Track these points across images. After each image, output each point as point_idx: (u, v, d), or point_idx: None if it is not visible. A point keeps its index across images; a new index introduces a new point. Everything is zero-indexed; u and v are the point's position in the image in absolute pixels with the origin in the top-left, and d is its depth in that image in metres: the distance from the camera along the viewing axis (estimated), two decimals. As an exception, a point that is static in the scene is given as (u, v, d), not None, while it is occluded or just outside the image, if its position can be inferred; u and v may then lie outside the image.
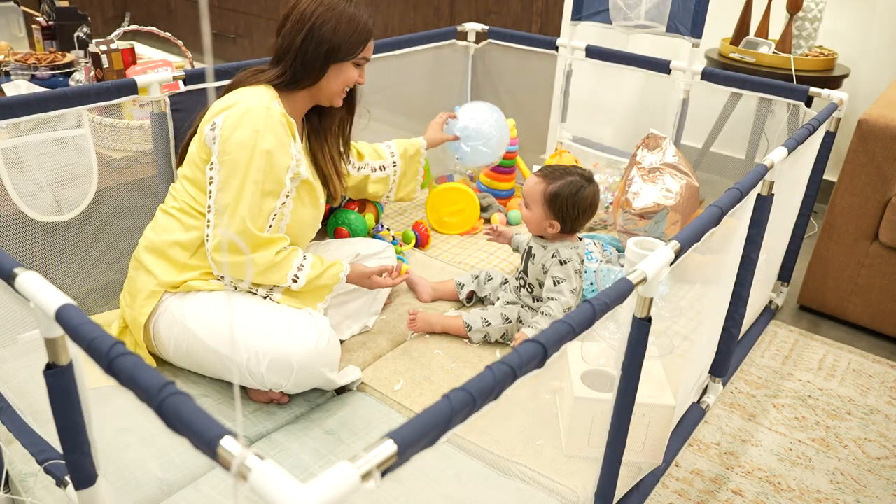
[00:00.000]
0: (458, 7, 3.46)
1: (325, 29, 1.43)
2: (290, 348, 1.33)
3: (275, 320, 1.37)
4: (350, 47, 1.47)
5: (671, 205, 2.03)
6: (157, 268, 1.42)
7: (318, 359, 1.35)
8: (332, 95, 1.52)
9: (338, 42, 1.45)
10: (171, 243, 1.42)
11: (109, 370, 0.68)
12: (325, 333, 1.38)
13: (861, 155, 1.90)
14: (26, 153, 1.48)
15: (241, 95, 1.41)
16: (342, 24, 1.44)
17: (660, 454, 1.33)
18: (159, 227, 1.45)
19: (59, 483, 1.02)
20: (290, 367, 1.32)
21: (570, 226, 1.63)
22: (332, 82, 1.49)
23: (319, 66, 1.46)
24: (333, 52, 1.45)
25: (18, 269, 0.81)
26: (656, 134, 2.14)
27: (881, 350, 1.99)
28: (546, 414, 1.41)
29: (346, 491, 0.54)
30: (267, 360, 1.31)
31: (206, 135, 1.37)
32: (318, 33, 1.43)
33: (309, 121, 1.59)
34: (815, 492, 1.47)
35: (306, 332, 1.36)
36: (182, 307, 1.39)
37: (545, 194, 1.60)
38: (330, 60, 1.46)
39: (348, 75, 1.50)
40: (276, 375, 1.33)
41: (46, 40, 2.45)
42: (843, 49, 2.65)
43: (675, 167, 2.09)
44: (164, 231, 1.44)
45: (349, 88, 1.56)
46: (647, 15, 2.20)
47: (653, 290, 0.96)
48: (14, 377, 1.37)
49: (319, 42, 1.44)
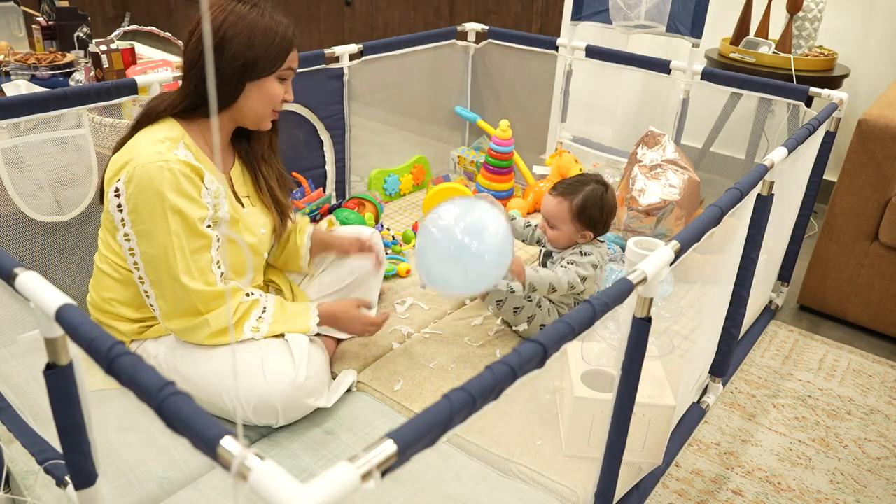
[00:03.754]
0: (458, 7, 3.46)
1: (236, 42, 1.25)
2: (269, 391, 1.28)
3: (249, 362, 1.30)
4: (269, 61, 1.29)
5: (676, 200, 2.03)
6: (114, 322, 1.36)
7: (300, 394, 1.31)
8: (257, 117, 1.34)
9: (253, 56, 1.27)
10: (114, 303, 1.35)
11: (109, 370, 0.68)
12: (301, 366, 1.31)
13: (861, 155, 1.90)
14: (26, 153, 1.48)
15: (136, 147, 1.24)
16: (256, 36, 1.27)
17: (660, 454, 1.33)
18: (98, 285, 1.37)
19: (59, 483, 1.02)
20: (275, 409, 1.30)
21: (601, 230, 1.66)
22: (254, 102, 1.31)
23: (234, 85, 1.28)
24: (249, 67, 1.28)
25: (18, 269, 0.80)
26: (655, 131, 2.15)
27: (881, 350, 1.99)
28: (546, 414, 1.41)
29: (345, 491, 0.54)
30: (251, 406, 1.28)
31: (111, 201, 1.23)
32: (229, 47, 1.25)
33: (238, 145, 1.43)
34: (815, 492, 1.47)
35: (282, 370, 1.30)
36: (157, 354, 1.35)
37: (572, 210, 1.61)
38: (246, 77, 1.29)
39: (272, 92, 1.32)
40: (263, 418, 1.31)
41: (46, 40, 2.44)
42: (843, 49, 2.65)
43: (675, 163, 2.09)
44: (103, 289, 1.36)
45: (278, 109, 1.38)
46: (647, 15, 2.20)
47: (653, 290, 0.96)
48: (14, 377, 1.37)
49: (232, 57, 1.26)
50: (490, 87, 2.65)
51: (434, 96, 2.58)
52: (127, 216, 1.22)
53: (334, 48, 2.07)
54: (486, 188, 2.42)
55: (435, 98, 2.59)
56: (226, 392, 1.29)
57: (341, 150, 2.22)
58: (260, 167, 1.45)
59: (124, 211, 1.22)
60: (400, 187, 2.50)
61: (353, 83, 2.16)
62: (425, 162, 2.57)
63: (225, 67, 1.27)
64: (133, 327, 1.36)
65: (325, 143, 2.18)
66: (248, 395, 1.28)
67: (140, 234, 1.23)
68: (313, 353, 1.37)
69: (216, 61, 1.27)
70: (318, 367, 1.36)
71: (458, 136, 2.78)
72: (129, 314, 1.35)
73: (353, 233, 1.65)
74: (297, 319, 1.39)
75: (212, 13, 1.28)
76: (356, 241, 1.60)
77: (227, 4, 1.29)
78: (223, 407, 1.31)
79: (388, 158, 2.48)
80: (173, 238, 1.22)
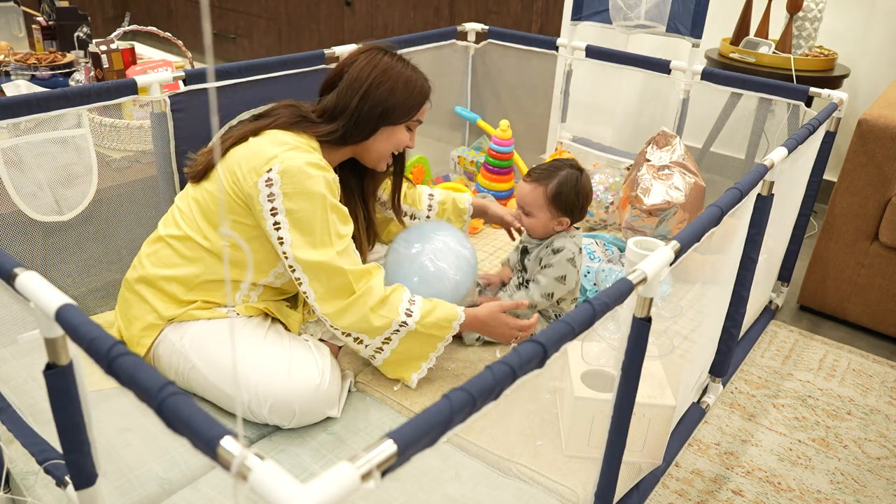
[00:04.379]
0: (458, 7, 3.46)
1: (381, 90, 1.40)
2: (291, 393, 1.29)
3: (276, 360, 1.33)
4: (405, 110, 1.44)
5: (681, 203, 2.03)
6: (155, 301, 1.37)
7: (320, 401, 1.33)
8: (378, 158, 1.48)
9: (393, 104, 1.42)
10: (170, 278, 1.37)
11: (109, 370, 0.68)
12: (326, 373, 1.34)
13: (861, 155, 1.90)
14: (26, 153, 1.48)
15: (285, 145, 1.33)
16: (399, 86, 1.42)
17: (660, 454, 1.33)
18: (159, 259, 1.39)
19: (59, 483, 1.02)
20: (293, 412, 1.31)
21: (577, 216, 1.64)
22: (382, 144, 1.46)
23: (371, 127, 1.43)
24: (387, 113, 1.42)
25: (18, 269, 0.80)
26: (667, 132, 2.14)
27: (881, 350, 1.99)
28: (546, 414, 1.41)
29: (346, 491, 0.54)
30: (269, 403, 1.29)
31: (261, 189, 1.29)
32: (374, 94, 1.40)
33: (348, 183, 1.54)
34: (815, 492, 1.47)
35: (308, 375, 1.32)
36: (182, 336, 1.35)
37: (547, 196, 1.60)
38: (382, 122, 1.43)
39: (399, 138, 1.47)
40: (277, 417, 1.31)
41: (46, 40, 2.45)
42: (843, 49, 2.65)
43: (683, 166, 2.09)
44: (163, 264, 1.38)
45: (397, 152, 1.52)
46: (647, 15, 2.20)
47: (653, 290, 0.96)
48: (14, 377, 1.37)
49: (375, 103, 1.40)
50: (490, 87, 2.65)
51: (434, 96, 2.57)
52: (281, 205, 1.29)
53: (334, 48, 2.07)
54: (486, 188, 2.42)
55: (435, 98, 2.57)
56: (246, 387, 1.30)
57: (341, 150, 2.22)
58: (368, 203, 1.60)
59: (277, 200, 1.29)
60: (400, 187, 2.49)
61: (353, 83, 2.16)
62: (425, 162, 2.57)
63: (366, 111, 1.41)
64: (172, 310, 1.37)
65: (326, 143, 2.17)
66: (268, 392, 1.29)
67: (295, 223, 1.30)
68: (333, 363, 1.40)
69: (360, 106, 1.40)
70: (336, 379, 1.39)
71: (458, 136, 2.78)
72: (179, 293, 1.37)
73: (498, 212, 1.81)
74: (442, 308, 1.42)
75: (360, 62, 1.43)
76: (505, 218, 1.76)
77: (374, 55, 1.44)
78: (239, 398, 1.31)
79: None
80: (330, 225, 1.31)
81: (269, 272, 1.42)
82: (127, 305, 1.42)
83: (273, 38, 4.33)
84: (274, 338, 1.38)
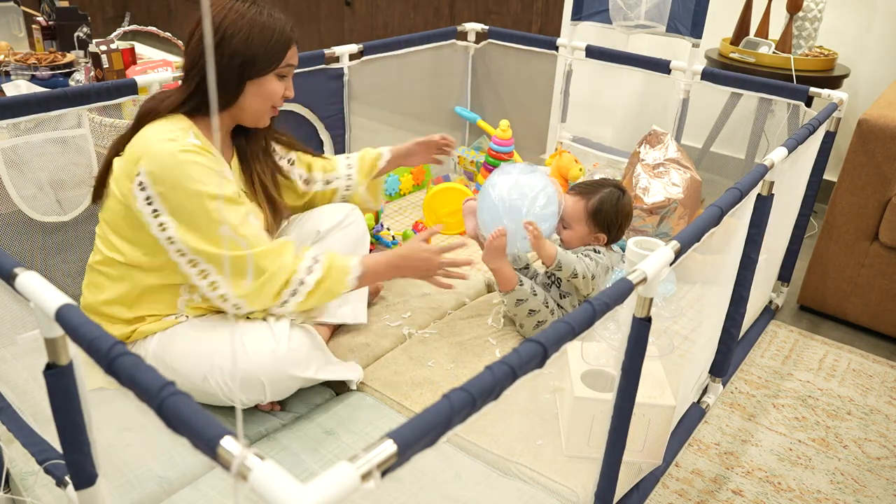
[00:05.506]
0: (458, 7, 3.46)
1: (235, 41, 1.26)
2: (251, 365, 1.28)
3: (228, 339, 1.31)
4: (268, 59, 1.30)
5: (680, 199, 2.03)
6: (107, 327, 1.33)
7: (283, 366, 1.30)
8: (256, 115, 1.35)
9: (252, 54, 1.28)
10: (110, 302, 1.33)
11: (109, 370, 0.68)
12: (283, 339, 1.31)
13: (861, 155, 1.90)
14: (26, 153, 1.48)
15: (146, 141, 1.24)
16: (255, 32, 1.28)
17: (660, 454, 1.33)
18: (94, 287, 1.35)
19: (59, 483, 1.02)
20: (261, 382, 1.29)
21: (615, 235, 1.66)
22: (254, 100, 1.32)
23: (235, 84, 1.29)
24: (248, 65, 1.28)
25: (18, 269, 0.80)
26: (658, 130, 2.15)
27: (881, 350, 1.99)
28: (546, 414, 1.41)
29: (346, 491, 0.54)
30: (237, 382, 1.28)
31: (136, 196, 1.22)
32: (228, 46, 1.26)
33: (236, 142, 1.43)
34: (815, 492, 1.47)
35: (262, 344, 1.29)
36: (144, 355, 1.33)
37: (587, 210, 1.63)
38: (245, 76, 1.29)
39: (271, 89, 1.33)
40: (252, 392, 1.30)
41: (46, 40, 2.44)
42: (843, 49, 2.65)
43: (678, 162, 2.10)
44: (98, 291, 1.34)
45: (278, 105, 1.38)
46: (647, 15, 2.20)
47: (653, 290, 0.96)
48: (14, 377, 1.37)
49: (231, 55, 1.26)
50: (490, 87, 2.65)
51: (434, 96, 2.58)
52: (161, 206, 1.22)
53: (334, 48, 2.07)
54: (486, 188, 2.42)
55: (435, 98, 2.59)
56: (212, 374, 1.29)
57: (341, 150, 2.22)
58: (254, 165, 1.44)
59: (155, 202, 1.22)
60: (400, 187, 2.50)
61: (353, 83, 2.16)
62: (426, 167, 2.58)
63: (224, 66, 1.27)
64: (125, 330, 1.35)
65: (325, 143, 2.18)
66: (233, 372, 1.28)
67: (181, 222, 1.22)
68: (295, 329, 1.36)
69: (216, 60, 1.27)
70: (301, 341, 1.35)
71: (458, 136, 2.78)
72: (123, 314, 1.34)
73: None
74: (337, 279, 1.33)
75: (212, 11, 1.28)
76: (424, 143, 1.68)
77: (226, 2, 1.29)
78: (212, 392, 1.30)
79: (388, 158, 2.48)
80: (213, 214, 1.22)
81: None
82: None
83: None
84: (224, 321, 1.35)
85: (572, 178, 2.42)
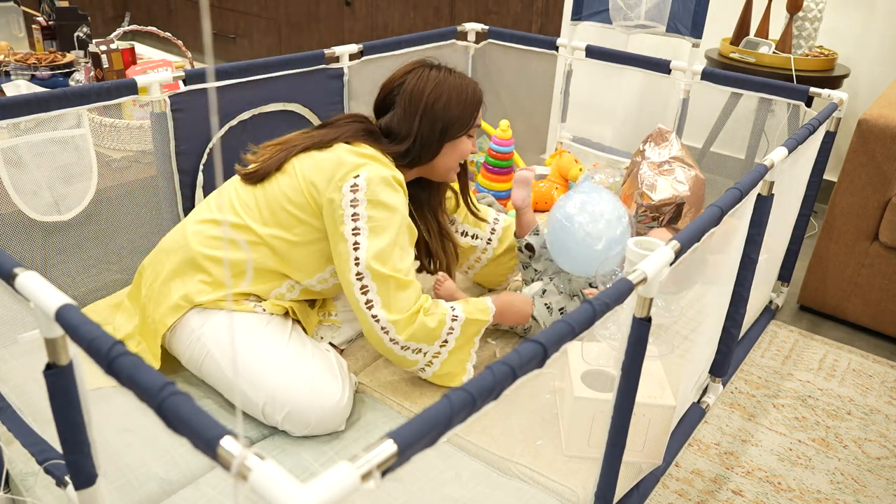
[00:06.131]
0: (458, 7, 3.46)
1: (437, 107, 1.39)
2: (312, 405, 1.28)
3: (299, 368, 1.31)
4: (463, 120, 1.42)
5: (686, 196, 2.03)
6: (192, 283, 1.34)
7: (337, 416, 1.31)
8: (446, 171, 1.47)
9: (451, 118, 1.40)
10: (215, 259, 1.34)
11: (109, 370, 0.68)
12: (347, 389, 1.33)
13: (861, 155, 1.90)
14: (26, 153, 1.48)
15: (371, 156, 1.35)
16: (453, 98, 1.40)
17: (660, 454, 1.33)
18: (208, 240, 1.36)
19: (59, 483, 1.02)
20: (308, 423, 1.29)
21: None
22: (448, 158, 1.45)
23: (436, 146, 1.42)
24: (448, 129, 1.41)
25: (18, 269, 0.80)
26: (663, 128, 2.14)
27: (881, 350, 1.99)
28: (546, 414, 1.41)
29: (346, 491, 0.54)
30: (285, 411, 1.28)
31: (345, 193, 1.30)
32: (431, 113, 1.39)
33: (417, 198, 1.53)
34: (815, 492, 1.47)
35: (331, 390, 1.30)
36: (203, 324, 1.33)
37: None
38: (445, 138, 1.41)
39: (463, 148, 1.45)
40: (291, 425, 1.30)
41: (46, 40, 2.45)
42: (843, 49, 2.65)
43: (682, 160, 2.09)
44: (214, 246, 1.35)
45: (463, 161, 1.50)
46: (647, 15, 2.20)
47: (653, 290, 0.96)
48: (14, 377, 1.37)
49: (433, 121, 1.39)
50: (490, 87, 2.65)
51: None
52: (364, 211, 1.29)
53: (334, 48, 2.07)
54: (486, 188, 2.42)
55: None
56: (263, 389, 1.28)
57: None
58: (437, 214, 1.56)
59: (360, 206, 1.29)
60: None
61: (353, 83, 2.16)
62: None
63: (427, 131, 1.39)
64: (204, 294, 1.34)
65: (325, 143, 2.17)
66: (286, 400, 1.28)
67: (374, 230, 1.30)
68: (351, 376, 1.40)
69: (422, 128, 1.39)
70: (351, 396, 1.37)
71: (458, 136, 2.78)
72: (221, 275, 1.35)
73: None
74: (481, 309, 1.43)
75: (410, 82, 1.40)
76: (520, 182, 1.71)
77: (421, 71, 1.41)
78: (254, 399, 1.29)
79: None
80: (403, 239, 1.33)
81: (314, 276, 1.41)
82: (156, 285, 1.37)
83: (273, 38, 4.33)
84: (297, 343, 1.36)
85: (572, 178, 2.42)
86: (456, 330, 1.39)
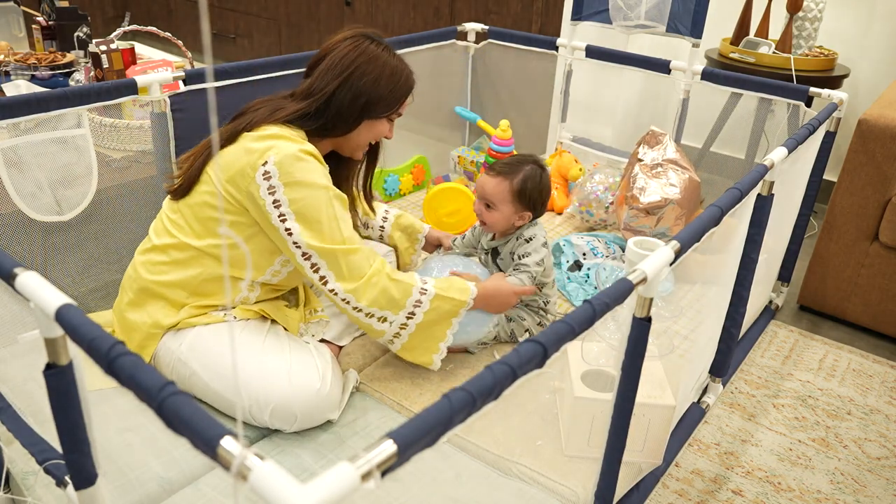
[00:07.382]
0: (458, 7, 3.46)
1: (365, 80, 1.36)
2: (292, 398, 1.28)
3: (276, 364, 1.31)
4: (389, 102, 1.40)
5: (677, 199, 2.03)
6: (155, 310, 1.35)
7: (321, 405, 1.32)
8: (356, 147, 1.46)
9: (377, 96, 1.38)
10: (169, 284, 1.35)
11: (109, 370, 0.68)
12: (327, 377, 1.33)
13: (861, 155, 1.90)
14: (26, 153, 1.48)
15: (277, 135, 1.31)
16: (384, 76, 1.38)
17: (660, 454, 1.33)
18: (155, 266, 1.36)
19: (59, 483, 1.02)
20: (294, 416, 1.30)
21: (539, 211, 1.64)
22: (362, 136, 1.43)
23: (353, 119, 1.39)
24: (370, 105, 1.38)
25: (18, 269, 0.80)
26: (656, 131, 2.15)
27: (881, 350, 1.99)
28: (546, 414, 1.41)
29: (346, 491, 0.54)
30: (269, 408, 1.28)
31: (259, 184, 1.27)
32: (357, 84, 1.36)
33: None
34: (815, 492, 1.47)
35: (308, 379, 1.31)
36: (180, 344, 1.34)
37: (512, 190, 1.59)
38: (365, 115, 1.39)
39: (380, 129, 1.44)
40: (279, 422, 1.31)
41: (46, 40, 2.45)
42: (843, 49, 2.65)
43: (676, 163, 2.10)
44: (160, 272, 1.36)
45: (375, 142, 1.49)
46: (647, 15, 2.20)
47: (653, 290, 0.96)
48: (14, 377, 1.37)
49: (357, 94, 1.36)
50: (490, 87, 2.65)
51: (434, 96, 2.58)
52: (283, 196, 1.27)
53: (334, 48, 2.06)
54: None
55: (435, 98, 2.58)
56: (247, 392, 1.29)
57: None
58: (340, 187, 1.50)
59: (278, 192, 1.27)
60: (400, 187, 2.50)
61: (353, 83, 2.16)
62: (425, 162, 2.58)
63: (348, 102, 1.36)
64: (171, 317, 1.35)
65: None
66: (269, 398, 1.28)
67: (300, 214, 1.28)
68: (334, 365, 1.39)
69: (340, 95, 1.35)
70: (339, 379, 1.38)
71: (458, 136, 2.78)
72: (179, 297, 1.35)
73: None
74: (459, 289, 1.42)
75: (344, 47, 1.37)
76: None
77: (360, 42, 1.38)
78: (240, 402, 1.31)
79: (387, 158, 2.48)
80: (336, 211, 1.30)
81: (266, 270, 1.41)
82: (124, 319, 1.39)
83: (273, 38, 4.33)
84: (273, 341, 1.37)
85: (572, 178, 2.42)
86: (424, 304, 1.37)
